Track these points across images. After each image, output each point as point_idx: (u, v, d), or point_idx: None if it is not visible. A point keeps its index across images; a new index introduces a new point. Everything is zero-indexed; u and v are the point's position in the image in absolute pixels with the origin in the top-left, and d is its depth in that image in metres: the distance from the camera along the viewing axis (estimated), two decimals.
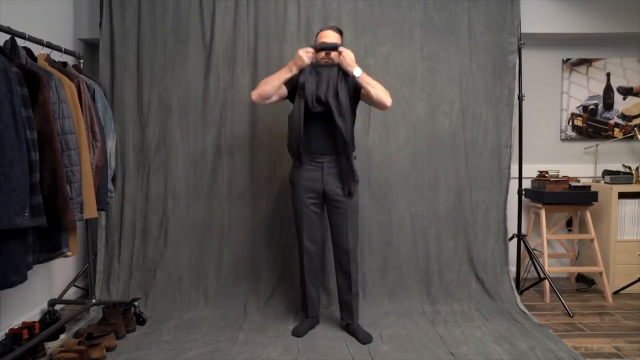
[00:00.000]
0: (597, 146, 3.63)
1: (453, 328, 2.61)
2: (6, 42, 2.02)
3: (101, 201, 2.36)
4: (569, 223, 3.64)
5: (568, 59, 3.65)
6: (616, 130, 3.66)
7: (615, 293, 3.24)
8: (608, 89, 3.66)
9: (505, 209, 3.14)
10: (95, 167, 2.29)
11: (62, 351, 2.18)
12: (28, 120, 1.76)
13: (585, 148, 3.67)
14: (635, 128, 3.62)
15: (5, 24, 2.03)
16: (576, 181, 3.38)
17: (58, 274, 3.01)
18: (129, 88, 3.06)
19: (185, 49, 3.05)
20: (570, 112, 3.68)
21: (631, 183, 3.33)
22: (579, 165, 3.69)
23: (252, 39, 3.06)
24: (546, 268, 3.13)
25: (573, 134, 3.69)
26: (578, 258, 3.60)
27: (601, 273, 3.21)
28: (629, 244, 3.27)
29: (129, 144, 3.07)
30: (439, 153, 3.12)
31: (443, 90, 3.11)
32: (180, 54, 3.06)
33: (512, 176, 3.15)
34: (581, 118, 3.68)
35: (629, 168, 3.52)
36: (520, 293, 3.09)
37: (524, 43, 3.14)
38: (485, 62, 3.12)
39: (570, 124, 3.68)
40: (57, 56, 2.41)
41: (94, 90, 2.44)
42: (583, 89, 3.67)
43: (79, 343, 2.25)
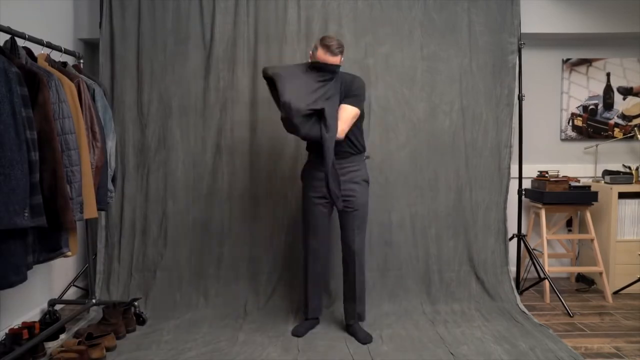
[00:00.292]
0: (597, 146, 3.63)
1: (453, 328, 2.61)
2: (6, 42, 2.02)
3: (101, 201, 2.36)
4: (569, 223, 3.64)
5: (568, 59, 3.65)
6: (616, 130, 3.66)
7: (615, 293, 3.24)
8: (608, 89, 3.66)
9: (505, 209, 3.14)
10: (95, 167, 2.29)
11: (62, 351, 2.18)
12: (28, 120, 1.76)
13: (585, 148, 3.67)
14: (635, 128, 3.62)
15: (5, 24, 2.03)
16: (576, 181, 3.38)
17: (58, 274, 3.01)
18: (129, 88, 3.06)
19: (185, 49, 3.06)
20: (570, 112, 3.68)
21: (631, 183, 3.33)
22: (579, 165, 3.69)
23: (252, 39, 3.06)
24: (546, 268, 3.13)
25: (573, 134, 3.69)
26: (578, 258, 3.60)
27: (601, 273, 3.21)
28: (629, 244, 3.27)
29: (129, 144, 3.07)
30: (439, 153, 3.12)
31: (443, 90, 3.11)
32: (180, 54, 3.06)
33: (512, 176, 3.15)
34: (581, 118, 3.68)
35: (629, 168, 3.52)
36: (520, 293, 3.09)
37: (524, 43, 3.14)
38: (485, 62, 3.12)
39: (570, 124, 3.68)
40: (57, 56, 2.42)
41: (94, 90, 2.44)
42: (583, 89, 3.67)
43: (79, 343, 2.25)
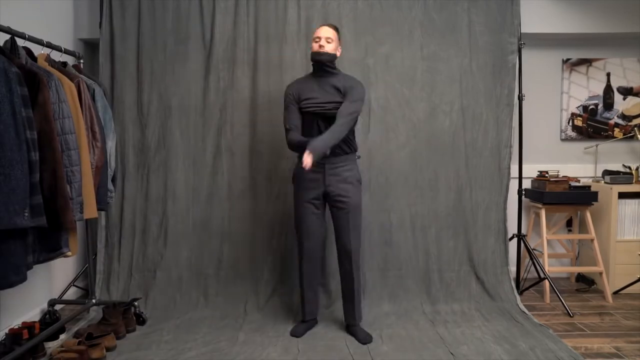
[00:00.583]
0: (597, 146, 3.63)
1: (453, 328, 2.61)
2: (6, 42, 2.02)
3: (101, 201, 2.36)
4: (569, 223, 3.64)
5: (568, 59, 3.65)
6: (616, 130, 3.66)
7: (615, 293, 3.24)
8: (608, 89, 3.66)
9: (505, 209, 3.14)
10: (95, 167, 2.29)
11: (62, 351, 2.18)
12: (28, 120, 1.76)
13: (585, 148, 3.67)
14: (635, 128, 3.62)
15: (5, 24, 2.04)
16: (576, 181, 3.38)
17: (58, 274, 3.01)
18: (129, 88, 3.06)
19: (185, 49, 3.06)
20: (570, 112, 3.68)
21: (631, 183, 3.33)
22: (579, 165, 3.69)
23: (252, 39, 3.06)
24: (546, 268, 3.13)
25: (573, 134, 3.69)
26: (578, 258, 3.60)
27: (601, 273, 3.21)
28: (629, 244, 3.27)
29: (129, 144, 3.07)
30: (439, 153, 3.12)
31: (443, 90, 3.11)
32: (180, 54, 3.06)
33: (512, 176, 3.15)
34: (581, 118, 3.68)
35: (629, 168, 3.52)
36: (520, 293, 3.09)
37: (524, 43, 3.14)
38: (485, 62, 3.12)
39: (570, 124, 3.68)
40: (57, 56, 2.42)
41: (94, 90, 2.44)
42: (583, 89, 3.67)
43: (79, 343, 2.25)
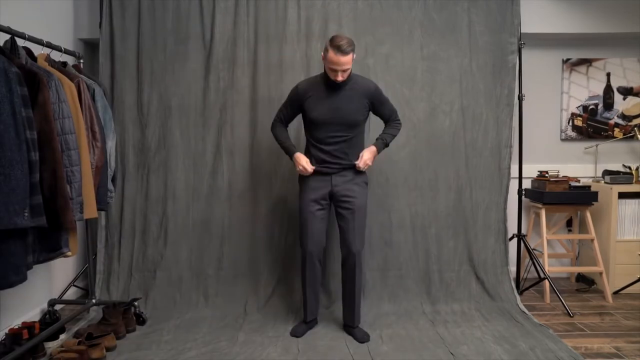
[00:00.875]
0: (597, 146, 3.63)
1: (453, 328, 2.61)
2: (6, 42, 2.02)
3: (101, 201, 2.36)
4: (569, 223, 3.64)
5: (568, 59, 3.65)
6: (616, 130, 3.66)
7: (615, 293, 3.24)
8: (608, 89, 3.66)
9: (505, 209, 3.14)
10: (95, 167, 2.29)
11: (62, 351, 2.18)
12: (28, 120, 1.76)
13: (585, 148, 3.67)
14: (635, 128, 3.62)
15: (5, 24, 2.04)
16: (576, 181, 3.38)
17: (58, 274, 3.01)
18: (129, 88, 3.06)
19: (185, 49, 3.06)
20: (570, 112, 3.68)
21: (631, 183, 3.33)
22: (579, 165, 3.69)
23: (252, 39, 3.06)
24: (546, 268, 3.13)
25: (573, 134, 3.69)
26: (578, 258, 3.60)
27: (601, 273, 3.21)
28: (629, 244, 3.27)
29: (129, 144, 3.07)
30: (439, 153, 3.12)
31: (443, 90, 3.12)
32: (180, 54, 3.06)
33: (512, 176, 3.15)
34: (581, 118, 3.68)
35: (629, 168, 3.52)
36: (520, 293, 3.09)
37: (524, 43, 3.14)
38: (485, 62, 3.12)
39: (570, 124, 3.68)
40: (57, 56, 2.42)
41: (94, 90, 2.44)
42: (583, 89, 3.67)
43: (79, 343, 2.25)
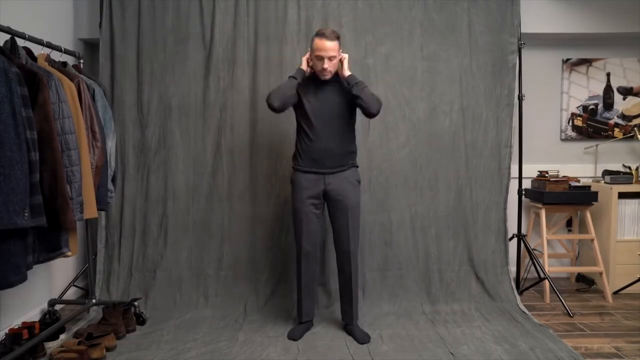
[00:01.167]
0: (597, 146, 3.63)
1: (453, 328, 2.61)
2: (6, 42, 2.02)
3: (101, 201, 2.36)
4: (569, 223, 3.64)
5: (568, 59, 3.65)
6: (616, 130, 3.66)
7: (615, 293, 3.24)
8: (608, 89, 3.66)
9: (505, 209, 3.14)
10: (95, 167, 2.29)
11: (62, 351, 2.18)
12: (28, 120, 1.76)
13: (585, 148, 3.67)
14: (635, 128, 3.62)
15: (5, 24, 2.03)
16: (576, 181, 3.38)
17: (58, 274, 3.01)
18: (129, 88, 3.06)
19: (185, 49, 3.06)
20: (570, 112, 3.68)
21: (631, 183, 3.33)
22: (579, 165, 3.69)
23: (252, 39, 3.06)
24: (546, 268, 3.13)
25: (573, 134, 3.69)
26: (578, 258, 3.60)
27: (601, 273, 3.21)
28: (629, 244, 3.27)
29: (129, 144, 3.07)
30: (439, 153, 3.12)
31: (443, 90, 3.11)
32: (180, 54, 3.06)
33: (512, 176, 3.15)
34: (581, 118, 3.68)
35: (629, 168, 3.52)
36: (520, 293, 3.09)
37: (524, 43, 3.14)
38: (485, 62, 3.12)
39: (570, 124, 3.68)
40: (57, 56, 2.42)
41: (94, 90, 2.44)
42: (583, 89, 3.67)
43: (79, 343, 2.25)
